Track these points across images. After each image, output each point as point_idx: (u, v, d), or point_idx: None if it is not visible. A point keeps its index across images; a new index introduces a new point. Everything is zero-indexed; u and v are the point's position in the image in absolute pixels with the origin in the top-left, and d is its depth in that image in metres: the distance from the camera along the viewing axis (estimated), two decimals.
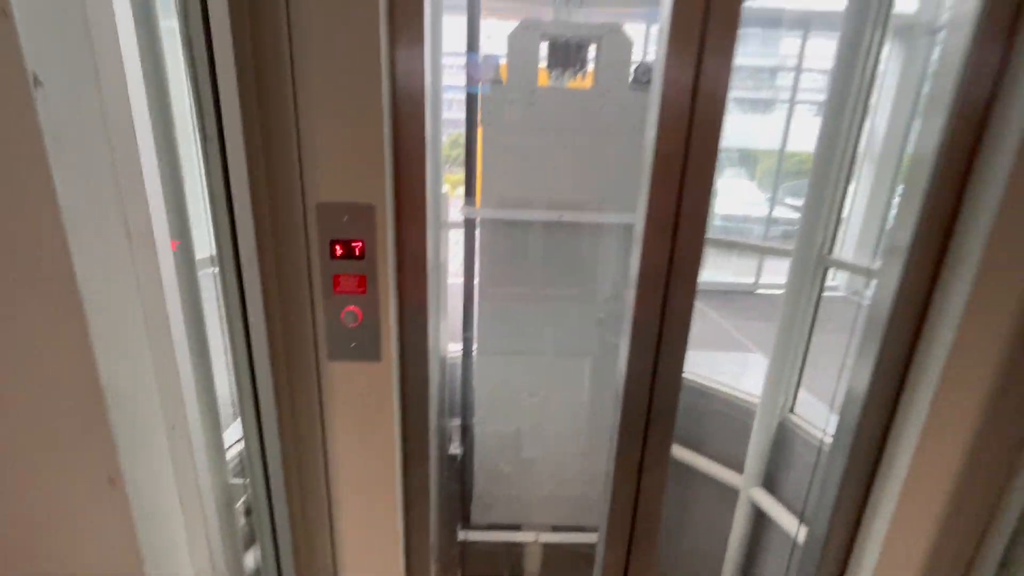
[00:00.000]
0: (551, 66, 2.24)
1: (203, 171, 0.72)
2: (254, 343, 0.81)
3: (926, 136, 0.94)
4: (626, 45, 2.09)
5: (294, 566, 0.90)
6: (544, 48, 2.20)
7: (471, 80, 2.17)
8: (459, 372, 2.41)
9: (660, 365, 1.07)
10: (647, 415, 1.12)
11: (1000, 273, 0.88)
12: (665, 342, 1.05)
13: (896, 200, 1.28)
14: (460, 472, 2.46)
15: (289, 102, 0.79)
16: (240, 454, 0.88)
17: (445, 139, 1.96)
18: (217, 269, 0.78)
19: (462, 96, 2.15)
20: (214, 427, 0.77)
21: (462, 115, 2.17)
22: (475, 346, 2.31)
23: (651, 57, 2.29)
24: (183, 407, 0.63)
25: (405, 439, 0.99)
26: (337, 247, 0.86)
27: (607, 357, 2.29)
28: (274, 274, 0.85)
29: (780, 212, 6.39)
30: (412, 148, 0.89)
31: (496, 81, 2.12)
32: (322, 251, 0.86)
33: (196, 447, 0.65)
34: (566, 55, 2.22)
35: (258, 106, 0.78)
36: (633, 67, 2.10)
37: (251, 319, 0.81)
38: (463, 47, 2.12)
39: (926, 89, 2.21)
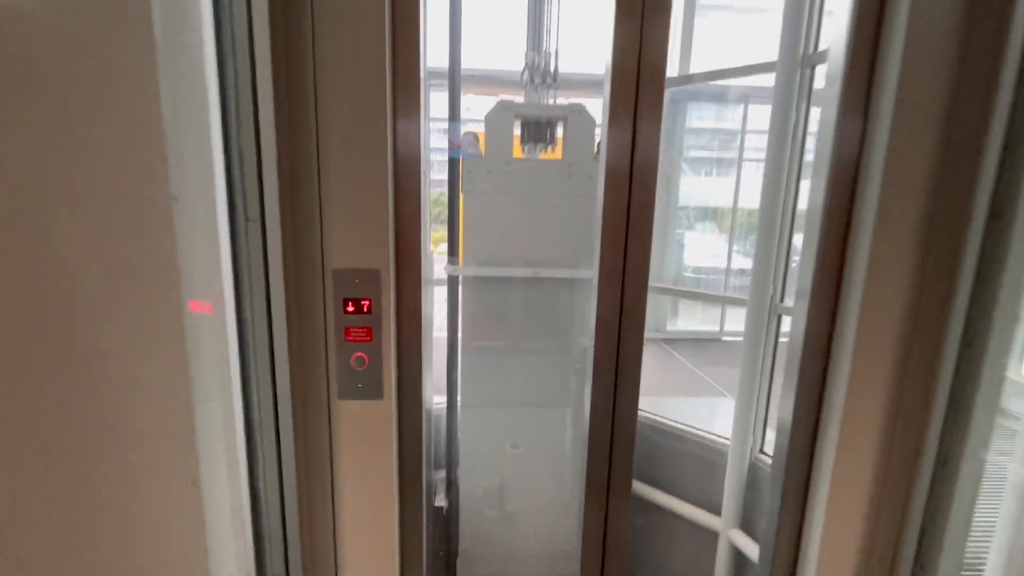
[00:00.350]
0: (524, 140, 2.57)
1: (246, 245, 0.93)
2: (278, 381, 0.99)
3: (815, 193, 1.22)
4: (589, 123, 2.43)
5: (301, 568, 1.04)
6: (518, 125, 2.53)
7: (453, 147, 2.48)
8: (444, 423, 2.54)
9: (618, 401, 1.27)
10: (610, 446, 1.31)
11: (878, 309, 1.13)
12: (621, 381, 1.26)
13: None
14: (446, 525, 2.53)
15: (315, 188, 1.03)
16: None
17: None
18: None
19: (444, 157, 2.44)
20: (250, 449, 0.93)
21: (443, 175, 2.44)
22: (459, 398, 2.44)
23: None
24: (234, 428, 0.80)
25: (402, 466, 1.15)
26: (349, 304, 1.07)
27: (585, 407, 2.44)
28: (296, 326, 1.04)
29: (746, 264, 6.86)
30: (410, 214, 1.13)
31: (476, 154, 2.42)
32: (336, 308, 1.07)
33: (241, 462, 0.81)
34: (537, 131, 2.57)
35: (291, 193, 1.01)
36: (596, 141, 2.43)
37: (277, 362, 1.00)
38: (445, 114, 2.43)
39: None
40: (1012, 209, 1.01)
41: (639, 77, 1.17)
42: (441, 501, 2.52)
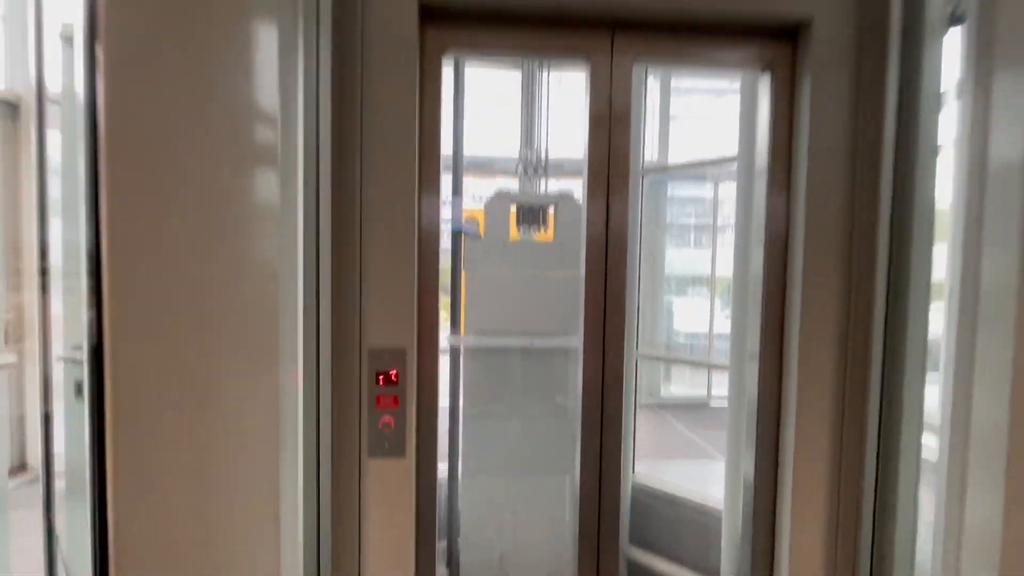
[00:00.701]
0: (520, 223, 2.93)
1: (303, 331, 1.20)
2: (321, 441, 1.22)
3: (757, 263, 1.50)
4: (576, 207, 2.79)
5: None
6: (513, 210, 2.90)
7: (456, 221, 2.81)
8: (445, 492, 2.65)
9: (604, 462, 1.49)
10: (598, 504, 1.51)
11: (812, 363, 1.38)
12: (605, 441, 1.49)
13: None
14: None
15: (356, 285, 1.32)
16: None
17: None
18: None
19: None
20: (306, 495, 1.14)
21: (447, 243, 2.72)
22: (460, 466, 2.58)
23: None
24: (296, 477, 1.02)
25: (419, 513, 1.35)
26: (380, 377, 1.32)
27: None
28: (336, 395, 1.29)
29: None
30: (430, 299, 1.40)
31: (476, 236, 2.76)
32: (369, 379, 1.32)
33: (299, 505, 1.02)
34: (531, 215, 2.93)
35: (339, 287, 1.29)
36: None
37: (321, 425, 1.23)
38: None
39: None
40: (906, 278, 1.30)
41: (609, 169, 1.50)
42: (442, 571, 2.60)
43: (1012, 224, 0.96)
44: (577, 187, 2.94)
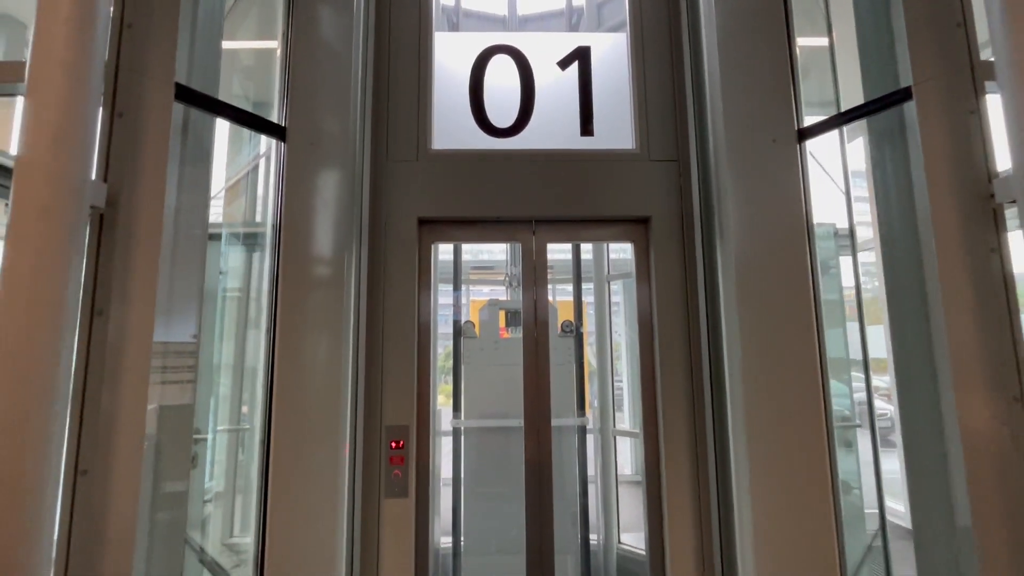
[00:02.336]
0: (508, 325, 3.87)
1: (352, 422, 2.09)
2: (355, 488, 2.07)
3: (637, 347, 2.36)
4: (552, 311, 3.70)
5: None
6: (502, 316, 3.85)
7: (456, 312, 3.74)
8: (450, 563, 3.30)
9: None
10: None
11: (674, 432, 2.19)
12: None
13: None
14: None
15: (379, 385, 2.23)
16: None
17: (441, 351, 3.39)
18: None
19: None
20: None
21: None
22: (463, 544, 3.23)
23: (570, 317, 3.90)
24: (343, 508, 1.87)
25: (418, 538, 2.15)
26: (392, 443, 2.19)
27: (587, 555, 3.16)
28: (364, 457, 2.15)
29: None
30: (424, 390, 2.30)
31: (471, 336, 3.68)
32: (385, 445, 2.18)
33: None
34: (517, 319, 3.88)
35: (368, 388, 2.21)
36: (560, 323, 3.69)
37: (356, 477, 2.08)
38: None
39: None
40: (720, 360, 2.14)
41: (535, 305, 2.42)
42: None
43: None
44: (550, 293, 3.89)
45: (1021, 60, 1.25)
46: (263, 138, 2.22)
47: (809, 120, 1.90)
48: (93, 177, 1.31)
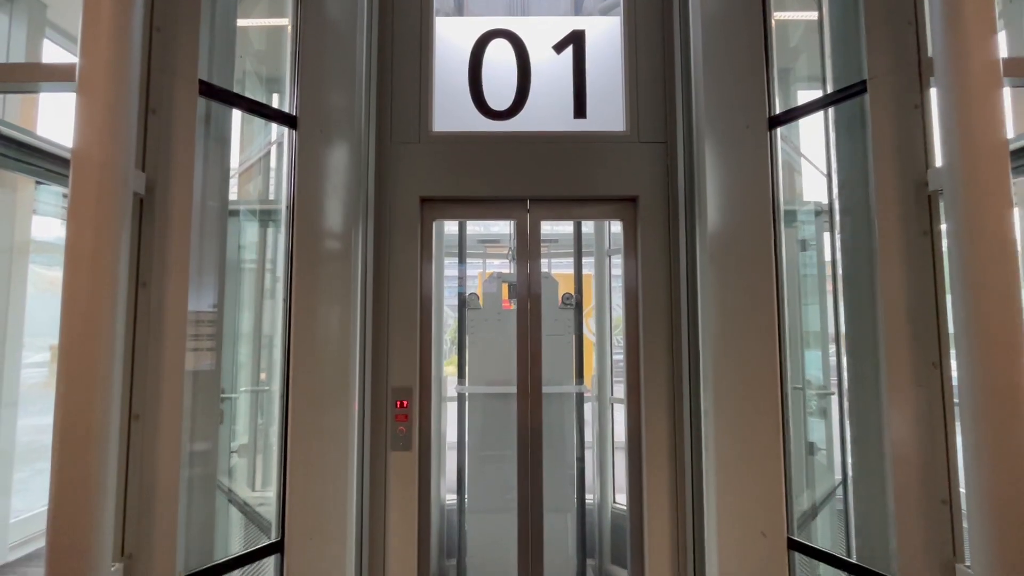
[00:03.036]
0: (510, 297, 4.10)
1: (359, 378, 2.35)
2: (364, 442, 2.35)
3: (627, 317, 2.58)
4: (554, 284, 3.91)
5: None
6: (505, 288, 4.07)
7: (461, 284, 3.98)
8: (456, 518, 3.63)
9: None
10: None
11: (654, 402, 2.42)
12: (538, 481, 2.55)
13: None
14: None
15: (385, 349, 2.48)
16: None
17: (447, 329, 3.64)
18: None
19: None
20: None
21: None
22: (467, 501, 3.55)
23: (570, 290, 4.12)
24: (354, 459, 2.15)
25: (420, 486, 2.43)
26: (398, 403, 2.46)
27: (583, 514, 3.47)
28: (371, 415, 2.42)
29: None
30: (425, 356, 2.55)
31: (475, 307, 3.92)
32: (391, 405, 2.45)
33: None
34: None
35: (375, 352, 2.46)
36: (561, 295, 3.90)
37: (364, 433, 2.36)
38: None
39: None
40: (696, 349, 2.35)
41: (530, 279, 2.64)
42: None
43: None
44: (554, 267, 4.08)
45: (955, 60, 1.40)
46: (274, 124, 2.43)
47: (804, 97, 2.05)
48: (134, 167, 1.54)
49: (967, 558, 1.46)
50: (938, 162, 1.57)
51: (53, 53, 3.76)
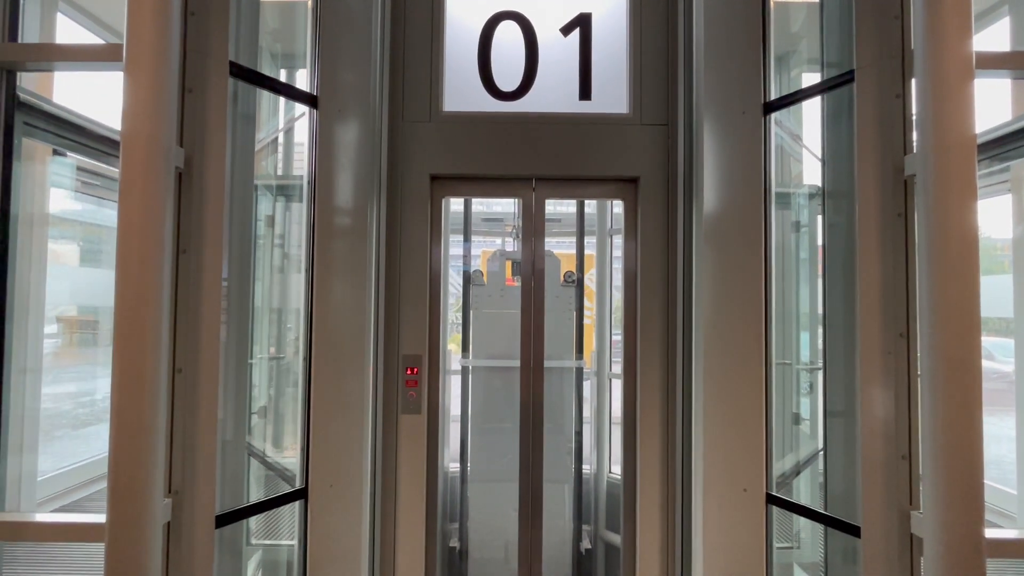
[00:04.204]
0: (514, 274, 4.27)
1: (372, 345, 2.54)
2: (378, 406, 2.55)
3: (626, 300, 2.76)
4: (556, 262, 4.07)
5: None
6: (508, 265, 4.25)
7: (466, 261, 4.17)
8: (459, 486, 3.86)
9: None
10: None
11: (649, 378, 2.61)
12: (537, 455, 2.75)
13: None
14: (459, 561, 3.79)
15: (396, 320, 2.66)
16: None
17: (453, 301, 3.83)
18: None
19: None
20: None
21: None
22: (469, 469, 3.78)
23: (572, 268, 4.28)
24: (368, 421, 2.34)
25: (428, 446, 2.65)
26: (408, 370, 2.65)
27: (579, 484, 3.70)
28: (384, 380, 2.61)
29: None
30: (434, 326, 2.73)
31: (479, 284, 4.10)
32: (402, 370, 2.64)
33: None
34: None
35: (388, 323, 2.64)
36: (563, 273, 4.08)
37: (378, 397, 2.55)
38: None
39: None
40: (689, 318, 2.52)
41: (534, 254, 2.81)
42: (455, 543, 3.84)
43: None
44: (556, 246, 4.25)
45: (932, 54, 1.55)
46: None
47: (808, 80, 2.16)
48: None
49: (922, 506, 1.67)
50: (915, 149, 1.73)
51: (67, 28, 3.85)
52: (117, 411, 1.52)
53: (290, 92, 2.26)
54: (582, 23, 2.84)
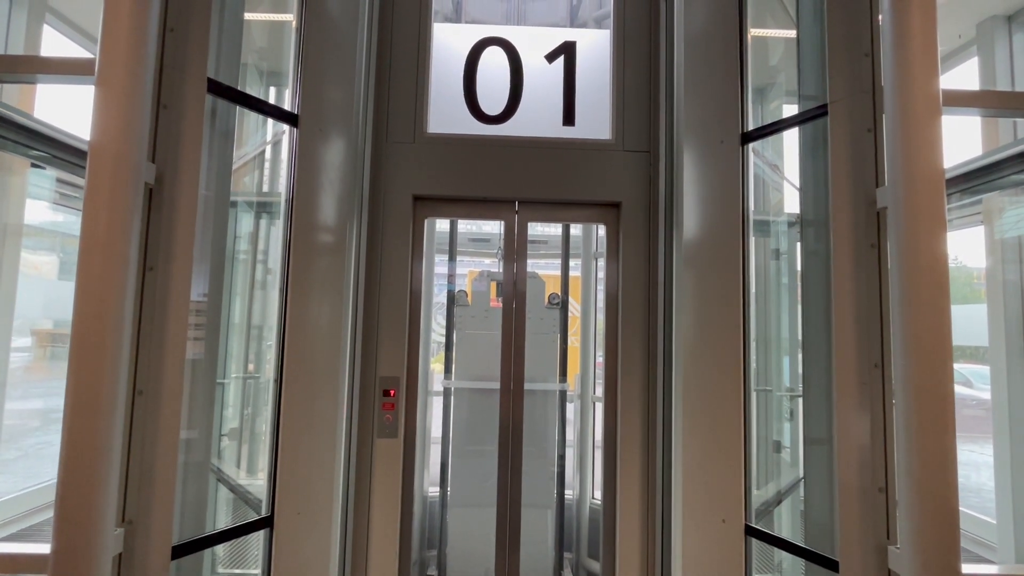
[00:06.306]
0: (499, 295, 4.23)
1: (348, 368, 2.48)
2: (352, 429, 2.48)
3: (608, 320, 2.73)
4: (540, 284, 4.06)
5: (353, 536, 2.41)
6: (493, 286, 4.21)
7: (451, 281, 4.12)
8: (439, 511, 3.75)
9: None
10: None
11: (629, 399, 2.58)
12: (515, 473, 2.69)
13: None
14: None
15: (374, 342, 2.61)
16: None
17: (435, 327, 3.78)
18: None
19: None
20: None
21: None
22: (449, 494, 3.67)
23: (556, 290, 4.26)
24: (341, 445, 2.27)
25: (404, 472, 2.57)
26: (385, 392, 2.59)
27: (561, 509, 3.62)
28: (360, 403, 2.55)
29: None
30: (413, 349, 2.68)
31: (464, 304, 4.06)
32: (379, 393, 2.58)
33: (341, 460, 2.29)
34: None
35: (364, 345, 2.59)
36: (547, 295, 4.05)
37: (352, 421, 2.49)
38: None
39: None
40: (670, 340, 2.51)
41: (516, 276, 2.79)
42: (432, 571, 3.72)
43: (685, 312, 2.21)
44: (542, 267, 4.24)
45: (901, 91, 1.57)
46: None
47: (787, 111, 2.20)
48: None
49: (899, 540, 1.63)
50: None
51: (53, 39, 3.83)
52: (69, 432, 1.45)
53: (269, 110, 2.25)
54: (567, 51, 2.88)
